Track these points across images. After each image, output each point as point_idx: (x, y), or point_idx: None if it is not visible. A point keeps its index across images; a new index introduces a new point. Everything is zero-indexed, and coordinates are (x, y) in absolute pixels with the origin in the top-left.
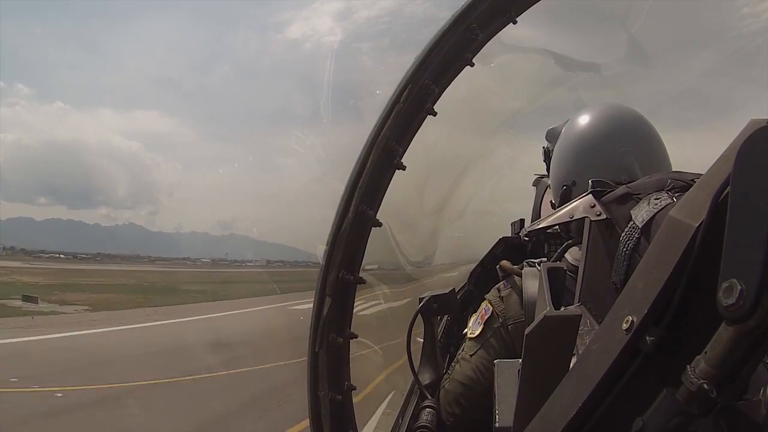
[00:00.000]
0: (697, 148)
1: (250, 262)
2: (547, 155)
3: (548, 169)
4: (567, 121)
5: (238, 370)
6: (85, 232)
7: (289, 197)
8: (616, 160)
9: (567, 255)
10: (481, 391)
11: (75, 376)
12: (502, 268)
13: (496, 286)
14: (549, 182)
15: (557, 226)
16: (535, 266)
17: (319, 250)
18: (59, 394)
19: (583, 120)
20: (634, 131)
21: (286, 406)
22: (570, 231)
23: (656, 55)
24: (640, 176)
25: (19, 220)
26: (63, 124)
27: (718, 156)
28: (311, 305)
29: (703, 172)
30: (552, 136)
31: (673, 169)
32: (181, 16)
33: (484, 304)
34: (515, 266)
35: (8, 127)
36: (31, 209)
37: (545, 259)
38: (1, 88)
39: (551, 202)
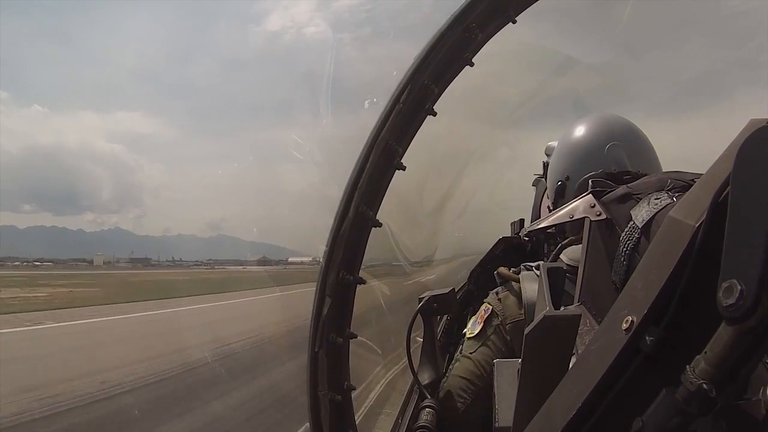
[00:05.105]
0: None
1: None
2: (547, 169)
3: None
4: None
5: None
6: (68, 238)
7: (281, 195)
8: (604, 153)
9: (562, 256)
10: (482, 386)
11: None
12: (499, 274)
13: (494, 290)
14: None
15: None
16: (533, 270)
17: (320, 251)
18: None
19: (576, 126)
20: (620, 129)
21: None
22: (564, 231)
23: (653, 48)
24: (629, 167)
25: (2, 229)
26: (43, 128)
27: (718, 153)
28: None
29: (702, 171)
30: (550, 150)
31: (671, 168)
32: (157, 5)
33: (483, 306)
34: (513, 272)
35: None
36: (15, 218)
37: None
38: None
39: (548, 207)
